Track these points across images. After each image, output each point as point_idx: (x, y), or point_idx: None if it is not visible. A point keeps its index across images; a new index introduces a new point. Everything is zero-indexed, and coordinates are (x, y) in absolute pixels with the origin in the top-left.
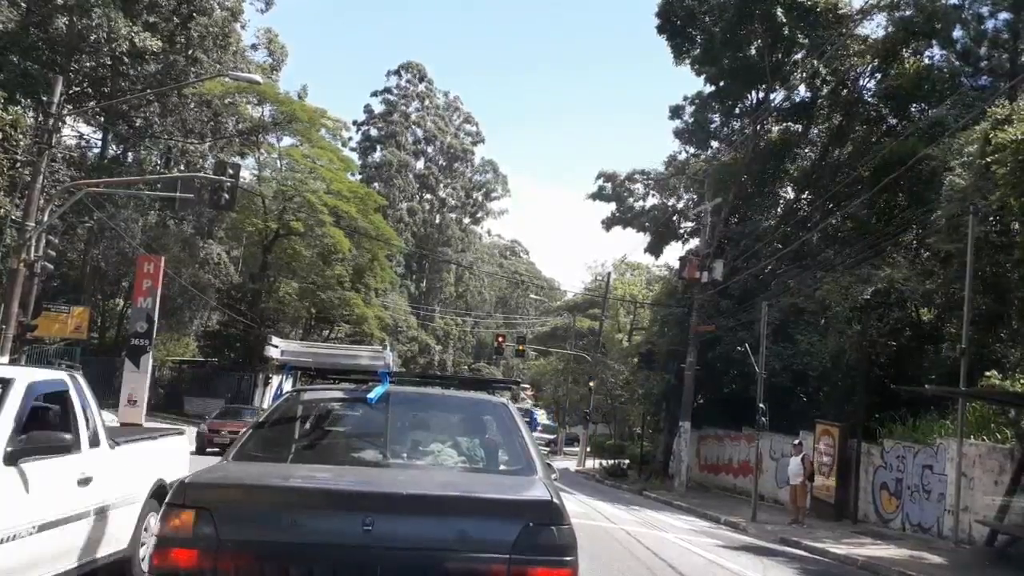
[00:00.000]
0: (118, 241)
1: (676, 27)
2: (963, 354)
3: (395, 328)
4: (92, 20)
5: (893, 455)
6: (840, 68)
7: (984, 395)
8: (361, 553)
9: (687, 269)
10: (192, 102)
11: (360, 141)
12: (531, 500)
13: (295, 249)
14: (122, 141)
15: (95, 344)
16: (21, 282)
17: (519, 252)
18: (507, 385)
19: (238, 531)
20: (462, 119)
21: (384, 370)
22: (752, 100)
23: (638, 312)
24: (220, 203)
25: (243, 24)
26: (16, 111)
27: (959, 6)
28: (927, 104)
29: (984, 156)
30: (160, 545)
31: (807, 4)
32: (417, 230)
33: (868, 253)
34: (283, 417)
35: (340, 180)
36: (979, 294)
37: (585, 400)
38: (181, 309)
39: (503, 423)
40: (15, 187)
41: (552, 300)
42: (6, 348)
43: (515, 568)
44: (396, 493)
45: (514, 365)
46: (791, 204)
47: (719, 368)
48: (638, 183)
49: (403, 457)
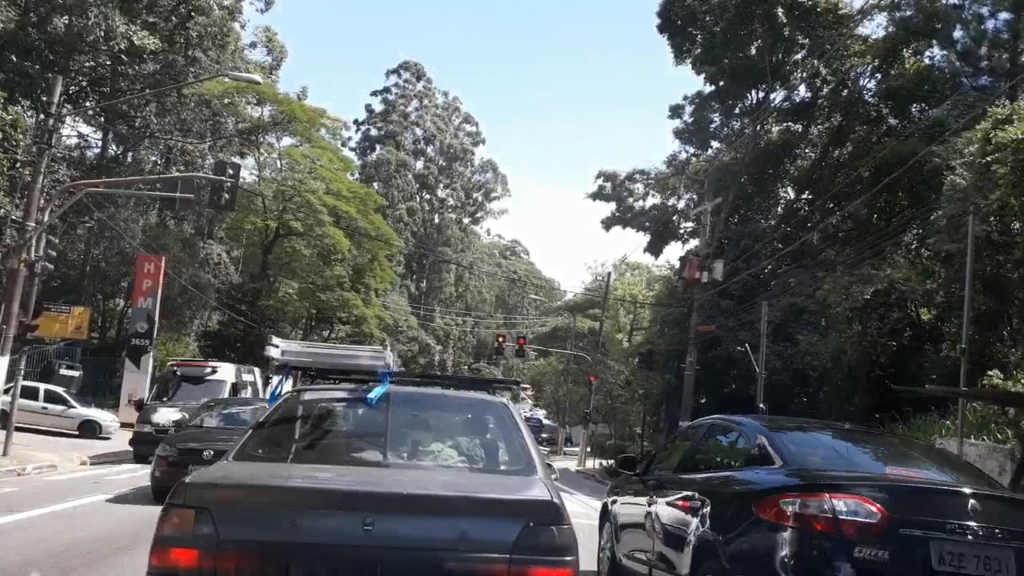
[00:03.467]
0: (118, 241)
1: (677, 26)
2: (963, 354)
3: (395, 328)
4: (89, 19)
5: None
6: (840, 68)
7: (984, 395)
8: (361, 553)
9: (687, 269)
10: (192, 102)
11: (360, 141)
12: (531, 500)
13: (295, 249)
14: (122, 141)
15: (95, 344)
16: (21, 282)
17: (519, 252)
18: (507, 385)
19: (238, 531)
20: (461, 119)
21: (384, 370)
22: (752, 100)
23: (638, 312)
24: (220, 203)
25: (242, 24)
26: (16, 111)
27: (959, 6)
28: (927, 104)
29: (984, 156)
30: (159, 545)
31: (808, 4)
32: (417, 230)
33: (868, 253)
34: (283, 417)
35: (340, 180)
36: (979, 294)
37: (585, 400)
38: (181, 309)
39: (503, 423)
40: (15, 187)
41: (552, 300)
42: (6, 348)
43: (515, 568)
44: (396, 493)
45: (514, 365)
46: (791, 204)
47: (719, 368)
48: (638, 183)
49: (403, 457)
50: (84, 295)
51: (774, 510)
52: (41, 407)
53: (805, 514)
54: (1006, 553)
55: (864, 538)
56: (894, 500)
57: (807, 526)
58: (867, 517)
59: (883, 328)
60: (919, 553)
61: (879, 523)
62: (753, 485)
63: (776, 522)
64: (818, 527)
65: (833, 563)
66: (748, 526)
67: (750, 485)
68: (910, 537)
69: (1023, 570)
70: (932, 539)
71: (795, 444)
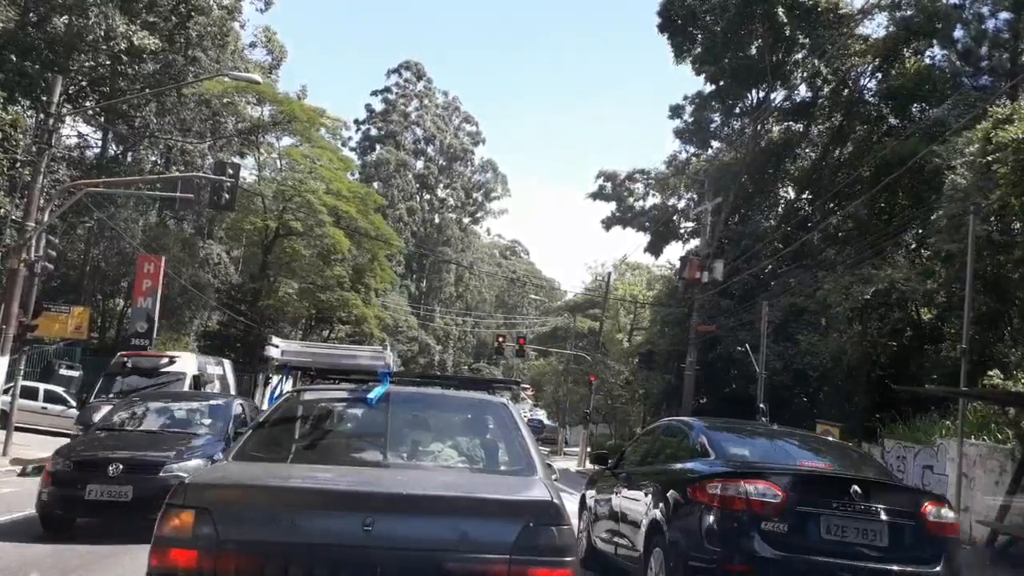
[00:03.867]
0: (118, 241)
1: (677, 26)
2: (964, 354)
3: (395, 328)
4: (89, 19)
5: (894, 455)
6: (841, 68)
7: (984, 395)
8: (361, 553)
9: (687, 269)
10: (191, 102)
11: (360, 140)
12: (531, 500)
13: (295, 249)
14: (122, 141)
15: (95, 344)
16: (21, 282)
17: (519, 252)
18: (507, 385)
19: (238, 531)
20: (461, 119)
21: (384, 370)
22: (752, 100)
23: (638, 312)
24: (220, 203)
25: (242, 24)
26: (16, 111)
27: (960, 6)
28: (928, 104)
29: (985, 155)
30: (159, 545)
31: (808, 4)
32: (417, 230)
33: (868, 253)
34: (283, 417)
35: (340, 180)
36: (980, 294)
37: (585, 400)
38: (181, 309)
39: (503, 423)
40: (15, 187)
41: (552, 300)
42: (6, 348)
43: (515, 568)
44: (396, 493)
45: (514, 365)
46: (791, 204)
47: (719, 368)
48: (638, 183)
49: (403, 457)
50: (84, 295)
51: (703, 493)
52: (41, 407)
53: (725, 495)
54: (880, 525)
55: (769, 514)
56: (793, 485)
57: (727, 505)
58: (772, 498)
59: (883, 328)
60: (811, 525)
61: (780, 502)
62: (690, 474)
63: (705, 503)
64: (735, 506)
65: (745, 534)
66: (686, 507)
67: (688, 474)
68: (804, 513)
69: (893, 539)
70: (822, 515)
71: (729, 442)
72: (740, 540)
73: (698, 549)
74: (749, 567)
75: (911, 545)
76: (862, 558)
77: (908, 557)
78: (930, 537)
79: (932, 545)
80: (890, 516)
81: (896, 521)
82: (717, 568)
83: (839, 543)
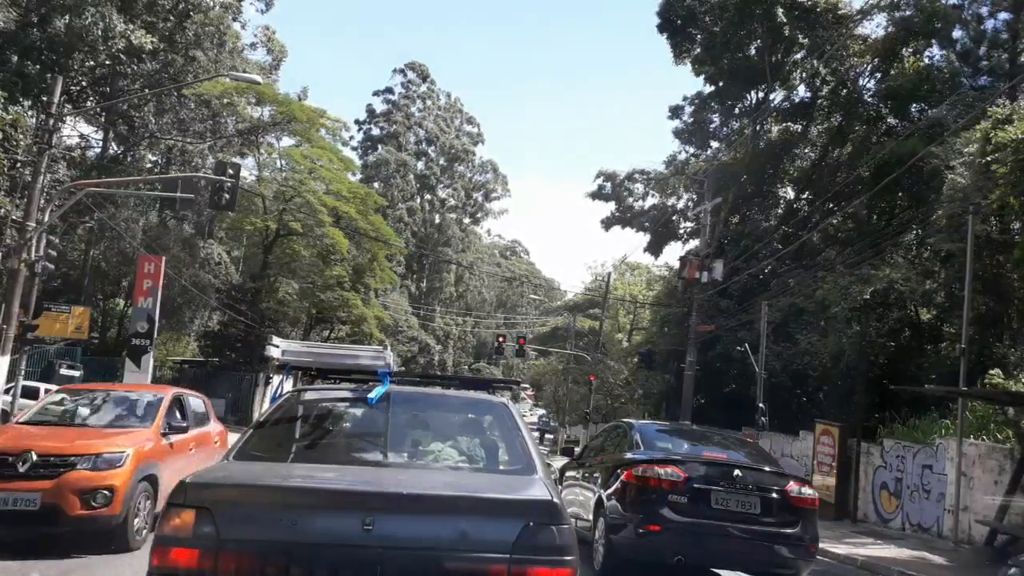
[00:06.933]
0: (118, 241)
1: (676, 26)
2: (963, 354)
3: (395, 328)
4: (86, 19)
5: (893, 455)
6: (840, 68)
7: (984, 395)
8: (361, 553)
9: (687, 269)
10: (191, 102)
11: (362, 141)
12: (531, 500)
13: (295, 249)
14: (122, 141)
15: (95, 344)
16: (21, 282)
17: (519, 252)
18: (507, 385)
19: (238, 530)
20: (463, 120)
21: (384, 370)
22: (752, 100)
23: (638, 312)
24: (220, 203)
25: (243, 24)
26: (16, 111)
27: (959, 6)
28: (927, 104)
29: (984, 155)
30: (160, 544)
31: (807, 4)
32: (417, 230)
33: (868, 253)
34: (283, 417)
35: (340, 180)
36: (979, 294)
37: (585, 400)
38: (181, 309)
39: (503, 423)
40: (15, 187)
41: (552, 300)
42: (7, 348)
43: (515, 568)
44: (396, 493)
45: (514, 365)
46: (791, 204)
47: (719, 368)
48: (638, 183)
49: (403, 457)
50: (84, 295)
51: (631, 474)
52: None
53: (644, 475)
54: (754, 498)
55: (673, 489)
56: (692, 468)
57: (644, 483)
58: (675, 478)
59: (882, 328)
60: (703, 498)
61: (682, 481)
62: (623, 461)
63: (631, 482)
64: (651, 483)
65: (657, 503)
66: (619, 485)
67: (623, 461)
68: (700, 489)
69: (764, 508)
70: (712, 490)
71: (657, 438)
72: (653, 508)
73: (625, 515)
74: (659, 527)
75: (777, 512)
76: (741, 520)
77: (774, 521)
78: (792, 507)
79: (793, 513)
80: (762, 492)
81: (766, 496)
82: (636, 528)
83: (724, 511)
